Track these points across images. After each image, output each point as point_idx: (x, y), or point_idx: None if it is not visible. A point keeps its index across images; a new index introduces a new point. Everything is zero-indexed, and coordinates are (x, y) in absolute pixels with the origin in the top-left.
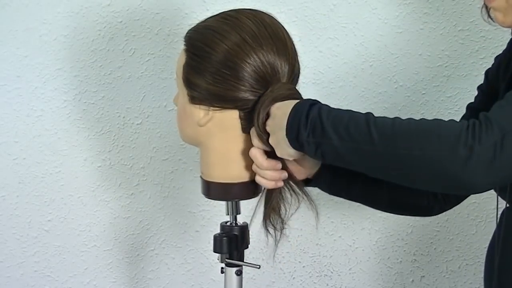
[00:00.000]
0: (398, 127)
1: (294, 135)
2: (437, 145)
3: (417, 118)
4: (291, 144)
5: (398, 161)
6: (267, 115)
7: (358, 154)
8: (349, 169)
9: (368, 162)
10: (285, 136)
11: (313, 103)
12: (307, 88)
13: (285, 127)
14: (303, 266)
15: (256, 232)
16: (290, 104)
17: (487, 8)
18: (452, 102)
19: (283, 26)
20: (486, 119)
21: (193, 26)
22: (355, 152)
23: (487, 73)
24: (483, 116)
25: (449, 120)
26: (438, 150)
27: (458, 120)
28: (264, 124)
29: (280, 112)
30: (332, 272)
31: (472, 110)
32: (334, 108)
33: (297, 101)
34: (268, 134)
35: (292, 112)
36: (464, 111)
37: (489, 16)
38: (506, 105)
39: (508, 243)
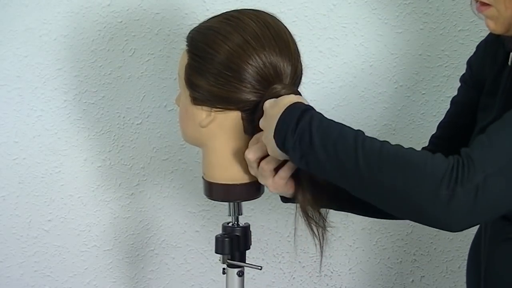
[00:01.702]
0: (385, 155)
1: (281, 140)
2: (420, 183)
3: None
4: (277, 147)
5: (380, 189)
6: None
7: (342, 173)
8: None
9: (351, 182)
10: (273, 138)
11: (306, 109)
12: (307, 88)
13: (273, 129)
14: (303, 266)
15: (256, 232)
16: (282, 104)
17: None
18: None
19: (286, 27)
20: (469, 159)
21: (195, 26)
22: (339, 170)
23: (470, 63)
24: (465, 155)
25: (437, 155)
26: (421, 189)
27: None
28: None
29: (272, 112)
30: (332, 272)
31: (457, 104)
32: (325, 119)
33: (290, 101)
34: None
35: (282, 116)
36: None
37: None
38: (488, 143)
39: (493, 252)
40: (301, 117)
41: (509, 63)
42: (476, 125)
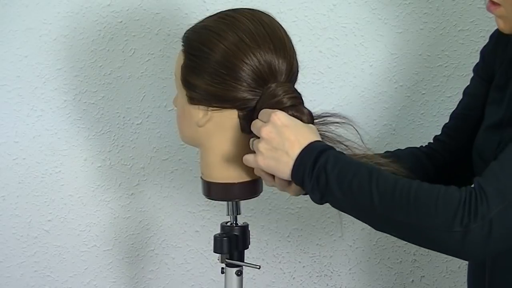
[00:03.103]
0: (398, 194)
1: (299, 182)
2: (434, 220)
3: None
4: (296, 184)
5: (396, 225)
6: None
7: (359, 212)
8: None
9: (369, 219)
10: (289, 173)
11: (323, 149)
12: (307, 88)
13: (290, 168)
14: (303, 266)
15: (256, 232)
16: (299, 135)
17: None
18: (452, 102)
19: (281, 25)
20: (482, 192)
21: (191, 26)
22: (356, 209)
23: (483, 53)
24: (478, 187)
25: (450, 189)
26: (435, 226)
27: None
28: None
29: (289, 138)
30: (332, 272)
31: (469, 96)
32: (341, 157)
33: (307, 134)
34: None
35: (299, 156)
36: None
37: None
38: (500, 174)
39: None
40: (317, 160)
41: None
42: (483, 120)
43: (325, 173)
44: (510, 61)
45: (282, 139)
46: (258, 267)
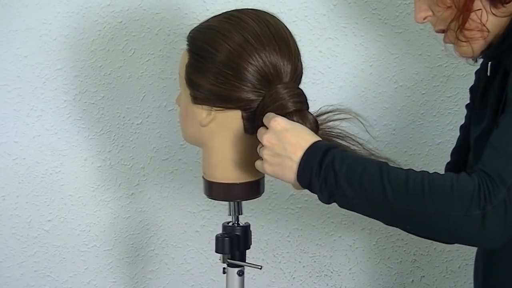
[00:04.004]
0: (411, 184)
1: (306, 183)
2: (451, 207)
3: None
4: (302, 187)
5: (412, 218)
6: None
7: (372, 208)
8: None
9: (383, 216)
10: (295, 177)
11: (327, 148)
12: (307, 88)
13: (296, 170)
14: (303, 266)
15: (256, 232)
16: (300, 138)
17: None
18: (452, 102)
19: (286, 26)
20: (485, 175)
21: (196, 26)
22: (369, 206)
23: (471, 89)
24: (482, 172)
25: (461, 175)
26: (453, 212)
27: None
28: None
29: (291, 142)
30: (332, 272)
31: (465, 129)
32: (347, 155)
33: (308, 136)
34: None
35: (304, 158)
36: (464, 111)
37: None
38: (496, 155)
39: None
40: (323, 159)
41: (488, 73)
42: (470, 137)
43: (333, 172)
44: (485, 83)
45: (283, 144)
46: (259, 267)
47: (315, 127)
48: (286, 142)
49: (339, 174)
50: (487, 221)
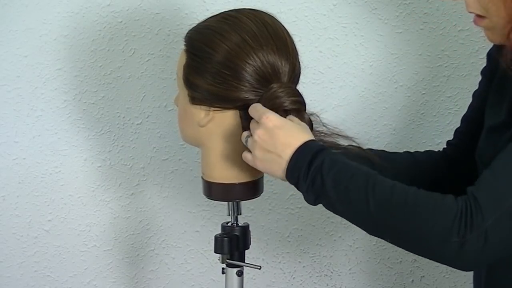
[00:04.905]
0: (395, 200)
1: (294, 183)
2: (431, 230)
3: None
4: (290, 184)
5: (392, 232)
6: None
7: (354, 215)
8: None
9: (364, 224)
10: (283, 175)
11: (317, 151)
12: (307, 88)
13: (284, 169)
14: (303, 266)
15: (256, 232)
16: (291, 137)
17: None
18: (452, 102)
19: (283, 26)
20: (476, 203)
21: (193, 26)
22: (351, 212)
23: (489, 55)
24: (472, 197)
25: (447, 198)
26: (432, 235)
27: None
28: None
29: (281, 140)
30: (332, 272)
31: (478, 99)
32: (337, 160)
33: (300, 135)
34: None
35: (293, 158)
36: (464, 110)
37: None
38: (493, 182)
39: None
40: (312, 161)
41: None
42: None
43: (321, 175)
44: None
45: (274, 142)
46: (258, 267)
47: (309, 127)
48: (277, 140)
49: (326, 178)
50: (465, 249)
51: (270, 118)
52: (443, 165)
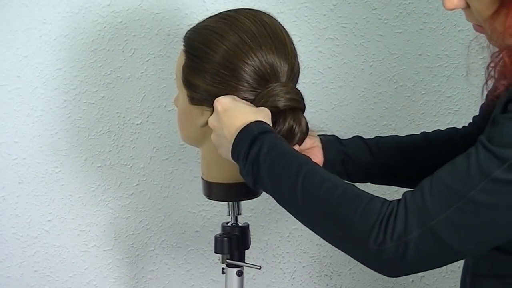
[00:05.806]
0: (320, 198)
1: (236, 161)
2: (350, 234)
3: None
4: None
5: (316, 227)
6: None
7: (286, 206)
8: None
9: (295, 215)
10: (229, 155)
11: (257, 134)
12: (307, 88)
13: (230, 152)
14: (303, 266)
15: (256, 232)
16: (235, 118)
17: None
18: (452, 102)
19: (282, 26)
20: (404, 208)
21: (192, 26)
22: (283, 201)
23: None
24: (403, 203)
25: (373, 201)
26: (351, 239)
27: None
28: None
29: (226, 123)
30: (332, 272)
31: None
32: (275, 147)
33: (243, 115)
34: None
35: (235, 142)
36: (464, 111)
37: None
38: (428, 193)
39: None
40: (251, 147)
41: None
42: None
43: (257, 163)
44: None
45: (221, 125)
46: (258, 267)
47: (305, 131)
48: (223, 123)
49: (262, 166)
50: (382, 258)
51: (220, 102)
52: (461, 144)
